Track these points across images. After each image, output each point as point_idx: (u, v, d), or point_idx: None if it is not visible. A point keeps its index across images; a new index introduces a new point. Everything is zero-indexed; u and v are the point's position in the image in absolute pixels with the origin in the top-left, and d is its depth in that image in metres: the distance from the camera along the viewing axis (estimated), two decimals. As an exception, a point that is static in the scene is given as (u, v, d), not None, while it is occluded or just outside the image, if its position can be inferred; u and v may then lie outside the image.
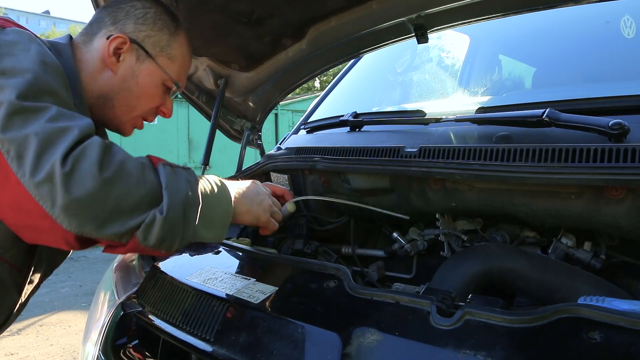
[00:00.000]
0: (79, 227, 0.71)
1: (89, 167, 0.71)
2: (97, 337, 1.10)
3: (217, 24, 1.42)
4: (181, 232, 0.81)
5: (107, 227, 0.73)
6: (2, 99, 0.72)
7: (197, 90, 1.70)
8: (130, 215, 0.75)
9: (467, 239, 1.19)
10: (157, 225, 0.76)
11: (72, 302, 4.40)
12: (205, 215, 0.86)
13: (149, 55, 1.03)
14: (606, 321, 0.61)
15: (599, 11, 1.46)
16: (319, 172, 1.40)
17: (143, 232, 0.76)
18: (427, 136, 1.20)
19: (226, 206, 0.93)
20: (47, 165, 0.69)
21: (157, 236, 0.77)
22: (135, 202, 0.76)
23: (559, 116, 0.95)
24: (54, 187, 0.69)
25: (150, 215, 0.76)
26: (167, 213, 0.77)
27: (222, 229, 0.92)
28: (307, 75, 1.65)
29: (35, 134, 0.70)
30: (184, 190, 0.81)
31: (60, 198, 0.69)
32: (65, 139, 0.72)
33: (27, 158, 0.70)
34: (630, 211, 0.89)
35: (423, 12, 1.23)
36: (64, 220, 0.70)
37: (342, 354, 0.69)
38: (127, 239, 0.76)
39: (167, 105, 1.11)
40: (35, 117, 0.72)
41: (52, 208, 0.70)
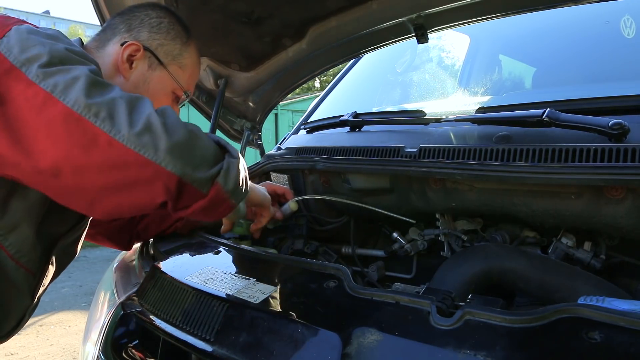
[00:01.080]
0: (182, 168, 0.78)
1: (175, 120, 0.80)
2: (97, 337, 1.10)
3: (217, 24, 1.42)
4: (246, 182, 0.92)
5: (199, 170, 0.81)
6: (77, 74, 0.77)
7: (197, 90, 1.70)
8: (211, 165, 0.84)
9: (467, 239, 1.19)
10: (234, 167, 0.87)
11: (72, 302, 4.40)
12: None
13: (161, 64, 1.06)
14: (606, 321, 0.61)
15: (599, 11, 1.46)
16: (319, 172, 1.40)
17: (224, 177, 0.85)
18: (427, 136, 1.20)
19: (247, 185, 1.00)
20: (142, 118, 0.76)
21: (234, 179, 0.86)
22: (213, 153, 0.86)
23: (559, 116, 0.95)
24: (155, 135, 0.76)
25: (225, 162, 0.86)
26: (237, 158, 0.88)
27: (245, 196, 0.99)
28: (307, 75, 1.65)
29: (120, 97, 0.77)
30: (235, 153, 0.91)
31: (164, 142, 0.76)
32: (144, 101, 0.80)
33: (120, 116, 0.75)
34: (630, 211, 0.89)
35: (423, 12, 1.23)
36: (170, 162, 0.77)
37: (342, 354, 0.69)
38: (209, 187, 0.83)
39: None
40: (111, 87, 0.80)
41: (156, 153, 0.76)
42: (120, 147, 0.74)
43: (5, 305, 0.94)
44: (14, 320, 0.99)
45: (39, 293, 1.01)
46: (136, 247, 1.40)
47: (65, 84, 0.75)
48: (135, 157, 0.75)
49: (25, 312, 1.01)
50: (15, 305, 0.97)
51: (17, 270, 0.92)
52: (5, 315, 0.95)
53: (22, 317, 1.00)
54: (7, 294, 0.93)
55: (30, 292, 0.98)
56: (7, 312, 0.96)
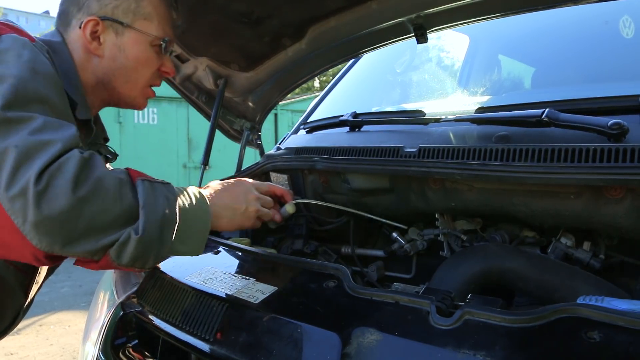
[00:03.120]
0: (49, 246, 0.70)
1: (63, 185, 0.69)
2: (96, 337, 1.10)
3: (217, 24, 1.42)
4: (155, 251, 0.79)
5: (78, 245, 0.71)
6: None
7: (196, 90, 1.70)
8: (103, 234, 0.73)
9: (466, 239, 1.19)
10: (132, 245, 0.74)
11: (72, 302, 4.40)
12: (183, 231, 0.83)
13: (125, 25, 1.01)
14: (605, 321, 0.61)
15: (598, 11, 1.46)
16: (318, 172, 1.40)
17: (116, 251, 0.74)
18: (426, 136, 1.20)
19: (204, 221, 0.90)
20: (22, 180, 0.67)
21: (131, 256, 0.75)
22: (109, 221, 0.73)
23: (559, 116, 0.95)
24: (27, 202, 0.67)
25: (125, 234, 0.74)
26: (143, 233, 0.75)
27: (200, 243, 0.90)
28: (307, 75, 1.65)
29: (15, 147, 0.68)
30: (162, 208, 0.79)
31: (32, 215, 0.67)
32: (44, 154, 0.69)
33: (4, 171, 0.68)
34: (629, 211, 0.89)
35: (422, 12, 1.23)
36: (34, 237, 0.68)
37: (342, 354, 0.69)
38: (100, 256, 0.74)
39: (166, 64, 1.10)
40: (18, 128, 0.70)
41: (24, 224, 0.68)
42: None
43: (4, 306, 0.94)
44: (9, 319, 0.98)
45: (32, 291, 1.01)
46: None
47: None
48: (8, 221, 0.69)
49: (20, 311, 1.01)
50: (8, 304, 0.96)
51: (7, 268, 0.90)
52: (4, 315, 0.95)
53: (17, 315, 1.00)
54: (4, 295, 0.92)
55: (23, 290, 0.97)
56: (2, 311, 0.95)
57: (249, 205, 1.04)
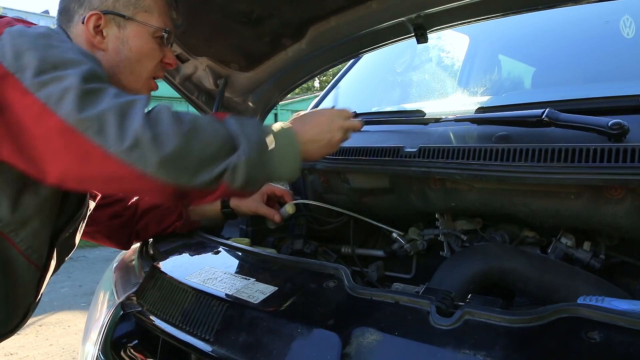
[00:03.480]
0: (176, 179, 0.77)
1: (168, 127, 0.78)
2: (96, 337, 1.10)
3: (217, 23, 1.42)
4: (261, 173, 0.87)
5: (198, 175, 0.79)
6: (69, 85, 0.76)
7: (196, 90, 1.70)
8: (215, 162, 0.81)
9: (466, 239, 1.19)
10: (242, 167, 0.82)
11: (72, 302, 4.40)
12: (277, 157, 0.91)
13: (127, 18, 1.03)
14: (605, 321, 0.61)
15: (598, 11, 1.46)
16: (318, 172, 1.40)
17: (231, 175, 0.82)
18: (426, 136, 1.20)
19: (294, 148, 0.96)
20: (131, 132, 0.75)
21: (243, 177, 0.83)
22: (216, 150, 0.82)
23: (559, 116, 0.95)
24: (144, 149, 0.75)
25: (233, 159, 0.82)
26: (248, 155, 0.83)
27: (295, 169, 0.96)
28: (307, 75, 1.64)
29: (109, 109, 0.76)
30: (256, 135, 0.87)
31: (153, 157, 0.75)
32: (137, 107, 0.78)
33: (110, 130, 0.75)
34: (629, 211, 0.89)
35: (423, 12, 1.23)
36: (162, 175, 0.76)
37: (342, 354, 0.69)
38: (216, 185, 0.82)
39: (168, 55, 1.12)
40: (101, 96, 0.78)
41: (147, 167, 0.75)
42: (113, 162, 0.74)
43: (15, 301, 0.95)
44: (20, 316, 0.99)
45: (42, 288, 1.02)
46: (136, 247, 1.40)
47: (59, 95, 0.75)
48: (129, 172, 0.75)
49: (30, 307, 1.02)
50: (22, 302, 0.98)
51: (29, 267, 0.93)
52: (14, 311, 0.97)
53: (27, 312, 1.01)
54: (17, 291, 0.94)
55: (35, 288, 1.00)
56: (15, 308, 0.97)
57: (333, 135, 1.06)
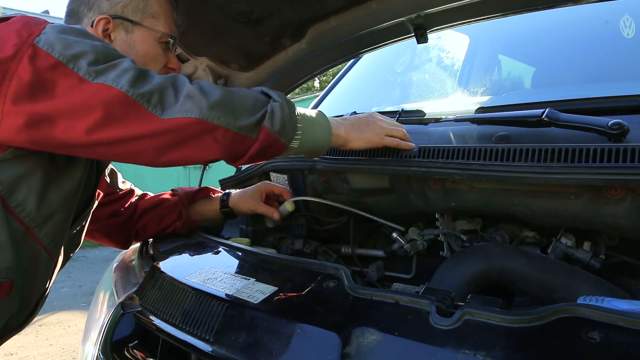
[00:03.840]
0: (226, 119, 0.88)
1: (210, 85, 0.91)
2: (96, 337, 1.10)
3: (217, 23, 1.42)
4: (293, 123, 0.96)
5: (241, 119, 0.90)
6: (125, 67, 0.84)
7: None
8: (253, 111, 0.92)
9: (466, 239, 1.19)
10: (278, 111, 0.93)
11: (72, 302, 4.40)
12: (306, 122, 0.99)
13: (135, 23, 1.06)
14: (605, 321, 0.61)
15: (598, 11, 1.46)
16: (318, 172, 1.40)
17: (269, 119, 0.92)
18: (426, 136, 1.20)
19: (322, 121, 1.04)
20: (184, 92, 0.87)
21: (280, 120, 0.93)
22: (253, 103, 0.93)
23: (559, 116, 0.95)
24: (196, 99, 0.86)
25: (269, 107, 0.93)
26: (280, 102, 0.94)
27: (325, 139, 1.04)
28: (307, 75, 1.65)
29: (165, 81, 0.87)
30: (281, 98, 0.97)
31: (205, 102, 0.86)
32: (181, 78, 0.90)
33: (169, 96, 0.86)
34: (629, 211, 0.89)
35: (423, 12, 1.23)
36: (214, 116, 0.87)
37: (342, 354, 0.69)
38: (259, 129, 0.92)
39: (172, 61, 1.16)
40: (152, 74, 0.88)
41: (200, 112, 0.86)
42: (171, 120, 0.84)
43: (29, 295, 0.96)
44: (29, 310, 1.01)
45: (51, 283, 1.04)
46: (136, 247, 1.40)
47: (117, 75, 0.83)
48: (184, 121, 0.85)
49: (39, 302, 1.03)
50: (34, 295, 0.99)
51: (49, 262, 0.95)
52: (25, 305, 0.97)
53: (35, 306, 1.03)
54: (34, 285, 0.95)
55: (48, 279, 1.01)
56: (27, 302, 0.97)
57: (374, 126, 1.12)
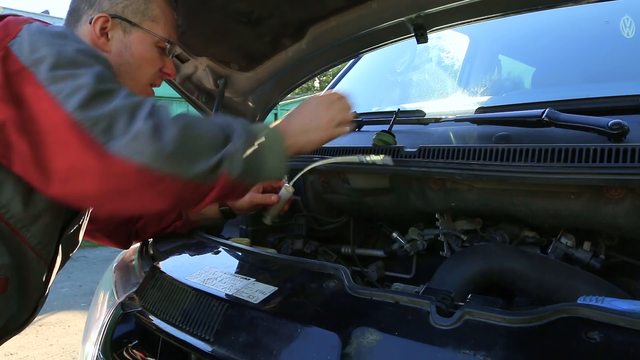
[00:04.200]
0: (174, 169, 0.79)
1: (166, 122, 0.81)
2: (96, 337, 1.10)
3: (217, 24, 1.42)
4: (256, 162, 0.90)
5: (195, 165, 0.81)
6: (82, 84, 0.79)
7: (196, 90, 1.70)
8: (211, 153, 0.84)
9: (466, 239, 1.19)
10: (239, 154, 0.86)
11: (72, 302, 4.40)
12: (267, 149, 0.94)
13: (133, 24, 1.06)
14: (605, 321, 0.61)
15: (598, 11, 1.46)
16: (318, 172, 1.40)
17: (229, 164, 0.84)
18: (426, 136, 1.20)
19: (278, 143, 0.98)
20: (134, 128, 0.78)
21: (241, 164, 0.86)
22: (211, 142, 0.85)
23: (559, 116, 0.95)
24: (144, 141, 0.77)
25: (229, 149, 0.85)
26: (243, 142, 0.87)
27: (282, 162, 0.99)
28: (307, 75, 1.64)
29: (121, 108, 0.79)
30: (246, 127, 0.91)
31: (152, 148, 0.77)
32: (144, 107, 0.82)
33: (118, 128, 0.77)
34: (629, 211, 0.89)
35: (423, 12, 1.23)
36: (160, 165, 0.78)
37: (342, 354, 0.69)
38: (214, 177, 0.83)
39: (168, 66, 1.15)
40: (114, 96, 0.81)
41: (144, 157, 0.77)
42: (114, 158, 0.76)
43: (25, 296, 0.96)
44: (29, 311, 1.01)
45: (49, 283, 1.04)
46: (136, 247, 1.40)
47: (70, 91, 0.77)
48: (129, 166, 0.76)
49: (38, 302, 1.03)
50: (32, 296, 0.99)
51: (38, 262, 0.94)
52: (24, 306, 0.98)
53: (35, 307, 1.03)
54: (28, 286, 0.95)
55: (44, 284, 1.01)
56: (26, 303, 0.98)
57: (320, 120, 1.06)
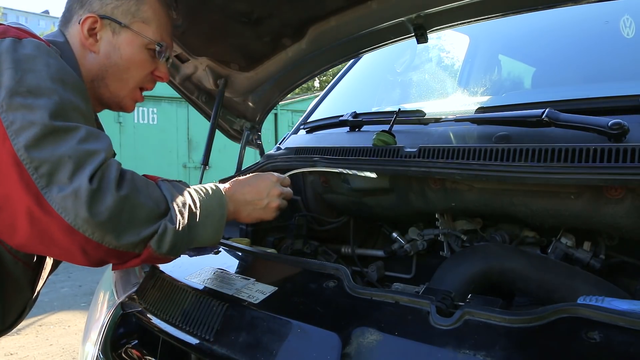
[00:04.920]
0: (101, 237, 0.77)
1: (109, 185, 0.78)
2: (96, 337, 1.10)
3: (217, 24, 1.41)
4: (187, 239, 0.89)
5: (124, 236, 0.79)
6: (35, 119, 0.76)
7: (196, 90, 1.70)
8: (143, 226, 0.82)
9: (466, 239, 1.19)
10: (169, 235, 0.83)
11: (72, 302, 4.40)
12: (202, 222, 0.92)
13: (123, 25, 1.04)
14: (605, 321, 0.61)
15: (598, 11, 1.46)
16: (318, 172, 1.40)
17: (157, 242, 0.83)
18: (426, 136, 1.20)
19: (220, 213, 0.97)
20: (76, 183, 0.76)
21: (170, 244, 0.84)
22: (147, 214, 0.83)
23: (559, 116, 0.95)
24: (79, 201, 0.75)
25: (162, 225, 0.83)
26: (177, 223, 0.85)
27: (217, 233, 0.97)
28: (307, 75, 1.64)
29: (69, 156, 0.77)
30: (186, 201, 0.89)
31: (85, 210, 0.75)
32: (93, 161, 0.79)
33: (59, 176, 0.75)
34: (629, 211, 0.89)
35: (423, 12, 1.23)
36: (87, 229, 0.76)
37: (342, 354, 0.69)
38: (141, 248, 0.82)
39: (160, 69, 1.12)
40: (67, 137, 0.78)
41: (75, 219, 0.75)
42: (46, 206, 0.75)
43: (7, 298, 0.96)
44: (16, 313, 1.00)
45: (38, 286, 1.03)
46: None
47: (21, 125, 0.76)
48: (58, 221, 0.75)
49: (26, 305, 1.03)
50: (16, 299, 0.98)
51: (16, 264, 0.93)
52: (8, 308, 0.97)
53: (23, 310, 1.02)
54: (8, 288, 0.94)
55: (29, 286, 1.00)
56: (9, 306, 0.97)
57: (270, 201, 1.08)
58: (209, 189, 0.97)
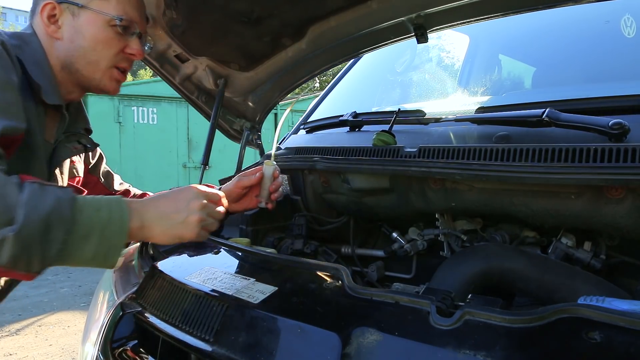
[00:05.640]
0: None
1: None
2: (96, 337, 1.10)
3: (217, 23, 1.41)
4: (40, 251, 0.76)
5: None
6: None
7: (196, 90, 1.70)
8: None
9: (466, 239, 1.19)
10: (9, 243, 0.72)
11: (71, 302, 4.40)
12: (86, 237, 0.79)
13: (81, 6, 1.02)
14: (606, 321, 0.61)
15: (599, 11, 1.46)
16: (318, 172, 1.40)
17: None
18: (426, 136, 1.20)
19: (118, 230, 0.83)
20: None
21: (9, 254, 0.73)
22: None
23: (559, 116, 0.95)
24: None
25: (2, 232, 0.72)
26: (20, 231, 0.72)
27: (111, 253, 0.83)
28: (307, 75, 1.64)
29: None
30: (48, 208, 0.76)
31: None
32: None
33: None
34: (630, 211, 0.89)
35: (423, 12, 1.23)
36: None
37: (342, 354, 0.69)
38: None
39: (131, 46, 1.08)
40: None
41: None
42: None
43: None
44: None
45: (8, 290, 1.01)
46: (136, 247, 1.40)
47: None
48: None
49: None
50: None
51: None
52: None
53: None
54: None
55: None
56: None
57: (190, 214, 0.92)
58: (104, 200, 0.84)
